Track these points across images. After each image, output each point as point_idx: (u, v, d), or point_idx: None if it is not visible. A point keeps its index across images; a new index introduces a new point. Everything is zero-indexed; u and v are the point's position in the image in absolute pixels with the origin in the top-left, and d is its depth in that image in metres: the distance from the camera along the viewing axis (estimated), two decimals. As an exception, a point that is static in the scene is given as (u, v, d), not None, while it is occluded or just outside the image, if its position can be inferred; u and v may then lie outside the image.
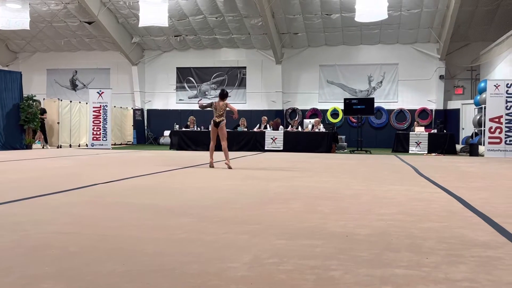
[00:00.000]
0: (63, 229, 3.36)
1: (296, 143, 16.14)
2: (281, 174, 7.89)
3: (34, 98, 16.60)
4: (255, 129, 17.20)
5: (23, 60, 24.92)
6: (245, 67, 23.35)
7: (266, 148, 16.24)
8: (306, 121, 18.12)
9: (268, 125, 17.32)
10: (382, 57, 22.05)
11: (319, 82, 22.74)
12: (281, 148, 16.15)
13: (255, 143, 16.41)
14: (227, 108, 9.40)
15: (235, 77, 23.48)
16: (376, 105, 19.49)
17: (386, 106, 21.89)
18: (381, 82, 22.15)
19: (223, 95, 9.52)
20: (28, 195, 4.89)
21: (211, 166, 9.07)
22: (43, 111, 17.57)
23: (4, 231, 3.26)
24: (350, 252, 2.78)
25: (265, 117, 17.89)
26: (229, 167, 8.77)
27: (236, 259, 2.60)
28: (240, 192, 5.51)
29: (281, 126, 17.15)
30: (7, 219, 3.70)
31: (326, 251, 2.81)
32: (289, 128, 17.81)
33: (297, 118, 22.14)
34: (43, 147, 17.60)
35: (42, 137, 17.90)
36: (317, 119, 17.95)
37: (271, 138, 16.32)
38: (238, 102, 23.27)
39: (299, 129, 17.43)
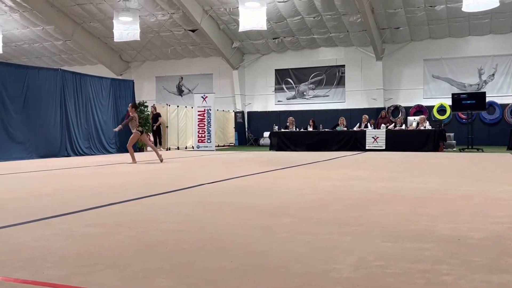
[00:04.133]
0: (174, 227, 3.56)
1: (400, 142, 15.52)
2: (383, 175, 7.64)
3: (145, 104, 17.81)
4: (355, 128, 16.84)
5: (134, 69, 26.84)
6: (343, 66, 22.98)
7: (367, 148, 15.82)
8: (410, 118, 17.35)
9: (369, 124, 16.86)
10: (493, 48, 20.42)
11: (424, 77, 21.67)
12: (383, 148, 15.63)
13: (355, 142, 16.07)
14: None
15: (333, 76, 23.20)
16: (488, 99, 18.06)
17: (500, 101, 20.23)
18: (493, 74, 20.53)
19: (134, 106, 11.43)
20: (140, 195, 5.25)
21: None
22: (158, 115, 18.74)
23: (122, 228, 3.53)
24: (463, 257, 2.61)
25: (366, 116, 17.44)
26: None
27: (340, 260, 2.57)
28: (341, 193, 5.43)
29: (383, 125, 16.61)
30: (124, 217, 4.01)
31: (436, 254, 2.67)
32: (391, 126, 17.18)
33: (400, 115, 21.29)
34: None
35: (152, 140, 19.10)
36: (422, 116, 17.09)
37: (373, 137, 15.86)
38: (336, 101, 22.98)
39: (403, 127, 16.74)
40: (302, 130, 17.35)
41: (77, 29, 23.10)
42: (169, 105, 19.76)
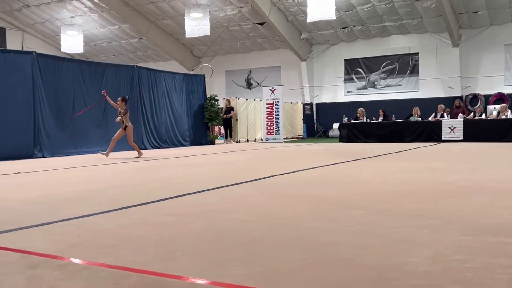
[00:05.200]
0: (245, 217, 3.63)
1: (478, 132, 14.71)
2: (461, 166, 7.29)
3: (215, 98, 18.20)
4: (430, 118, 16.17)
5: (204, 64, 27.47)
6: (417, 53, 22.09)
7: (443, 138, 15.15)
8: (490, 107, 16.38)
9: (445, 114, 16.13)
10: None
11: (505, 63, 20.33)
12: (461, 138, 14.89)
13: (430, 133, 15.43)
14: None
15: (406, 65, 22.39)
16: None
17: None
18: None
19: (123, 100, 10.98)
20: (211, 186, 5.39)
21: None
22: (231, 109, 19.07)
23: (195, 218, 3.66)
24: (551, 254, 2.44)
25: (442, 105, 16.68)
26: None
27: (415, 253, 2.50)
28: (415, 185, 5.25)
29: (460, 114, 15.82)
30: (198, 207, 4.14)
31: (520, 250, 2.52)
32: (470, 116, 16.31)
33: (479, 104, 20.15)
34: (226, 142, 19.20)
35: (228, 132, 19.40)
36: (503, 104, 16.07)
37: (449, 128, 15.16)
38: (410, 90, 22.18)
39: (482, 116, 15.84)
40: (374, 120, 16.93)
41: (151, 26, 24.00)
42: (238, 99, 20.05)
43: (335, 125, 21.29)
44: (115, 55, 27.95)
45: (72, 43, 23.19)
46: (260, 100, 20.36)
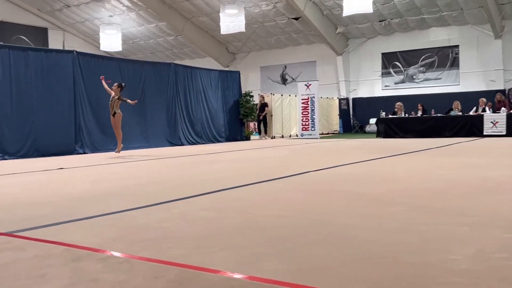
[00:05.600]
0: (281, 213, 3.63)
1: (523, 126, 14.18)
2: (504, 162, 7.05)
3: (250, 94, 18.26)
4: (471, 113, 15.70)
5: (240, 60, 27.56)
6: (457, 46, 21.47)
7: (485, 133, 14.69)
8: (535, 101, 15.75)
9: (487, 108, 15.62)
10: None
11: (552, 54, 19.49)
12: (504, 133, 14.39)
13: (471, 128, 14.99)
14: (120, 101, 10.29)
15: (446, 58, 21.80)
16: None
17: None
18: None
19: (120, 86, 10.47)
20: (247, 182, 5.42)
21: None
22: (265, 105, 19.09)
23: (232, 213, 3.69)
24: None
25: (483, 99, 16.16)
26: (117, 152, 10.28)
27: (456, 251, 2.44)
28: (455, 181, 5.12)
29: (503, 108, 15.29)
30: (234, 202, 4.17)
31: None
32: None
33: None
34: (260, 138, 19.25)
35: (263, 128, 19.48)
36: (549, 98, 15.43)
37: (491, 122, 14.68)
38: (450, 84, 21.60)
39: (526, 110, 15.25)
40: (412, 115, 16.58)
41: (186, 24, 24.28)
42: (273, 94, 20.03)
43: (372, 120, 20.97)
44: (152, 53, 28.43)
45: (110, 41, 23.73)
46: (295, 96, 20.28)
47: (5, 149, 10.61)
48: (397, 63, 23.03)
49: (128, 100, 10.50)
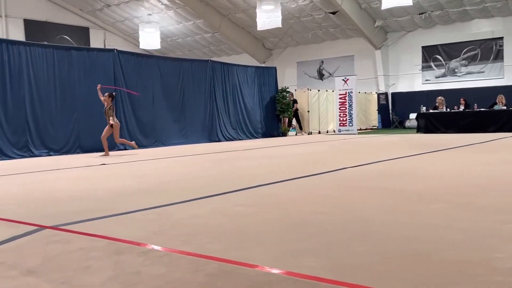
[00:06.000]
0: (318, 209, 3.62)
1: None
2: (553, 158, 6.77)
3: (287, 90, 18.22)
4: (516, 107, 15.13)
5: (276, 56, 27.51)
6: (501, 38, 20.68)
7: (531, 128, 14.12)
8: None
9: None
10: None
11: None
12: (552, 128, 13.80)
13: (517, 122, 14.44)
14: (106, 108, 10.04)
15: (489, 50, 21.04)
16: None
17: None
18: None
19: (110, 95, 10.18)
20: (284, 178, 5.42)
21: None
22: (295, 101, 19.08)
23: (269, 208, 3.70)
24: None
25: (530, 93, 15.53)
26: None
27: (501, 249, 2.37)
28: (499, 178, 4.95)
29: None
30: (271, 198, 4.19)
31: None
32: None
33: None
34: (296, 134, 19.19)
35: (297, 125, 19.48)
36: None
37: (538, 116, 14.08)
38: (493, 77, 20.86)
39: None
40: (454, 110, 16.12)
41: (223, 21, 24.42)
42: (310, 90, 19.90)
43: (412, 115, 20.50)
44: (190, 50, 28.77)
45: (149, 40, 24.19)
46: (332, 91, 20.08)
47: (49, 146, 11.01)
48: (438, 56, 22.43)
49: (111, 118, 10.11)
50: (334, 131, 19.63)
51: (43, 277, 2.21)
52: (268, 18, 20.09)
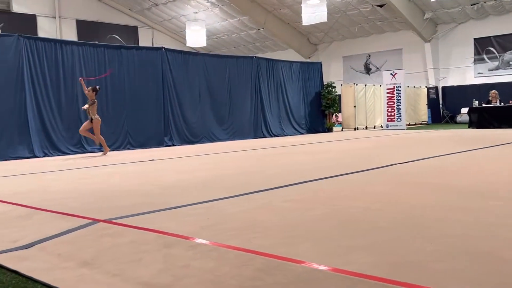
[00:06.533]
0: (368, 205, 3.54)
1: None
2: None
3: (332, 85, 18.00)
4: None
5: (321, 51, 27.21)
6: (562, 27, 19.58)
7: None
8: None
9: None
10: None
11: None
12: None
13: None
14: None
15: (548, 41, 19.96)
16: None
17: None
18: None
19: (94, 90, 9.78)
20: (332, 174, 5.35)
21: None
22: None
23: (317, 204, 3.66)
24: None
25: None
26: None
27: None
28: (563, 175, 4.68)
29: None
30: (319, 194, 4.14)
31: None
32: None
33: None
34: (342, 130, 18.94)
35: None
36: None
37: None
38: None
39: None
40: (509, 104, 15.42)
41: (268, 17, 24.39)
42: (356, 85, 19.56)
43: (464, 110, 19.77)
44: (235, 47, 28.93)
45: (196, 37, 24.51)
46: (380, 85, 19.65)
47: (101, 142, 11.38)
48: (491, 48, 21.49)
49: (88, 106, 9.67)
50: (381, 126, 19.22)
51: (97, 269, 2.28)
52: (313, 13, 19.88)
